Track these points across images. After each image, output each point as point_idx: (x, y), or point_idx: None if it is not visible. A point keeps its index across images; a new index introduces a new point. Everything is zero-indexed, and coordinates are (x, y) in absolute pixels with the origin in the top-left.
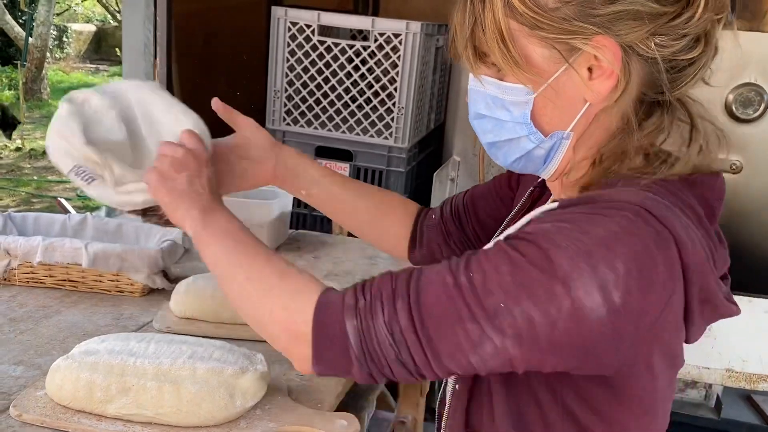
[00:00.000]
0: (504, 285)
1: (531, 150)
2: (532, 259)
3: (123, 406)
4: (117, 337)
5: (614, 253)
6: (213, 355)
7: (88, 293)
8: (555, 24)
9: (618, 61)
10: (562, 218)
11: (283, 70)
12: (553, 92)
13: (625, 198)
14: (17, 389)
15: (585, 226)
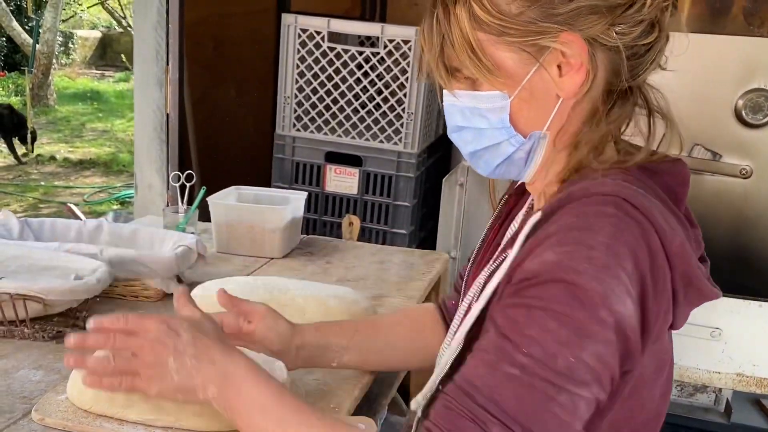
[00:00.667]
0: (561, 340)
1: (512, 154)
2: (567, 300)
3: (145, 410)
4: None
5: (620, 255)
6: None
7: (104, 298)
8: (521, 27)
9: (585, 54)
10: (561, 240)
11: (293, 77)
12: (527, 93)
13: (600, 189)
14: (38, 393)
15: (586, 239)
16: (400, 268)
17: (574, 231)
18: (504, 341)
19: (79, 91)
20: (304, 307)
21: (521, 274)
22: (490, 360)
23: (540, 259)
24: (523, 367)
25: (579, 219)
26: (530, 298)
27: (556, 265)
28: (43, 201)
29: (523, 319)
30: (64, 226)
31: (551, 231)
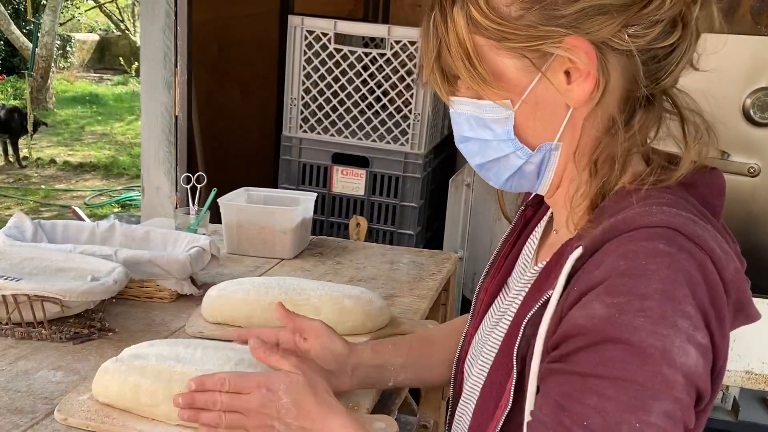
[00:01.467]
0: (623, 407)
1: (521, 166)
2: (625, 361)
3: (170, 412)
4: (165, 342)
5: (678, 300)
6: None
7: (119, 299)
8: (521, 32)
9: (593, 60)
10: (610, 290)
11: (299, 78)
12: (532, 103)
13: (647, 221)
14: (59, 394)
15: (639, 287)
16: (410, 268)
17: (625, 278)
18: (562, 414)
19: (77, 94)
20: (319, 307)
21: (568, 328)
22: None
23: (588, 311)
24: None
25: (628, 261)
26: (583, 363)
27: (607, 322)
28: (43, 204)
29: (579, 387)
30: (76, 227)
31: (598, 277)
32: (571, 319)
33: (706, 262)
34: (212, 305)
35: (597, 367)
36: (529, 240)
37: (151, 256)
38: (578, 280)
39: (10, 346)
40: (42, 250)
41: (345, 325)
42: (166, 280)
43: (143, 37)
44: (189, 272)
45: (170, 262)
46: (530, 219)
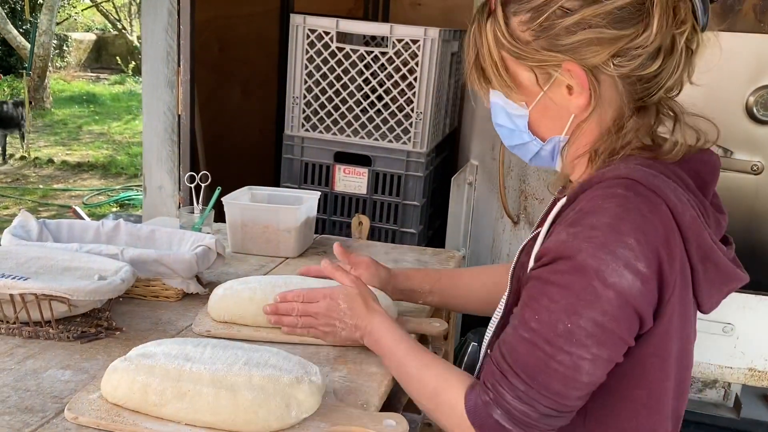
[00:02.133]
0: (561, 308)
1: (538, 151)
2: (567, 274)
3: (178, 410)
4: (173, 341)
5: (622, 232)
6: (269, 362)
7: (125, 298)
8: (531, 55)
9: (584, 81)
10: (573, 221)
11: (301, 77)
12: (543, 106)
13: (615, 174)
14: (68, 393)
15: (591, 220)
16: (415, 266)
17: (584, 214)
18: (524, 310)
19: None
20: None
21: (541, 250)
22: (514, 325)
23: (555, 238)
24: (533, 331)
25: (591, 202)
26: (546, 273)
27: (563, 245)
28: (42, 204)
29: (538, 292)
30: (81, 227)
31: (569, 216)
32: (545, 245)
33: (660, 206)
34: (219, 304)
35: (551, 276)
36: None
37: (158, 255)
38: (559, 221)
39: (18, 346)
40: (48, 250)
41: None
42: (172, 279)
43: (145, 36)
44: (195, 271)
45: (176, 261)
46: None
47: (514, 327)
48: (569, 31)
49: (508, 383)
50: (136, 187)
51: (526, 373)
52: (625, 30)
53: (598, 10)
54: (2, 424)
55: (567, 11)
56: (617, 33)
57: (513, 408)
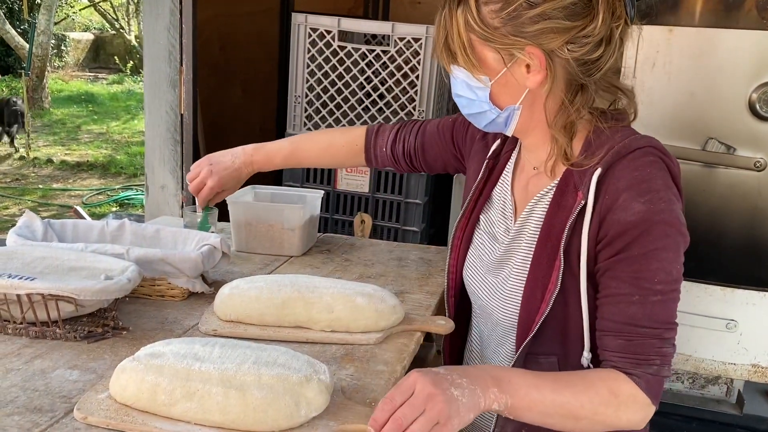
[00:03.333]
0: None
1: (494, 119)
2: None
3: (187, 410)
4: (182, 340)
5: (671, 187)
6: (278, 361)
7: (130, 298)
8: (498, 38)
9: (542, 63)
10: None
11: (303, 76)
12: (503, 81)
13: (639, 144)
14: (77, 392)
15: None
16: (419, 264)
17: (643, 183)
18: (639, 282)
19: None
20: (332, 305)
21: (618, 226)
22: (637, 299)
23: (631, 211)
24: (662, 293)
25: (640, 171)
26: (642, 244)
27: (648, 212)
28: (41, 204)
29: (644, 260)
30: (86, 227)
31: (623, 185)
32: (617, 221)
33: (672, 165)
34: (225, 303)
35: (652, 243)
36: (501, 182)
37: (163, 255)
38: (605, 190)
39: (25, 346)
40: (54, 250)
41: (358, 323)
42: (177, 278)
43: (146, 35)
44: (201, 270)
45: (182, 260)
46: (493, 168)
47: (640, 301)
48: (533, 21)
49: (666, 341)
50: (136, 186)
51: (669, 323)
52: (576, 21)
53: (557, 4)
54: (12, 424)
55: (531, 4)
56: (571, 24)
57: (671, 355)
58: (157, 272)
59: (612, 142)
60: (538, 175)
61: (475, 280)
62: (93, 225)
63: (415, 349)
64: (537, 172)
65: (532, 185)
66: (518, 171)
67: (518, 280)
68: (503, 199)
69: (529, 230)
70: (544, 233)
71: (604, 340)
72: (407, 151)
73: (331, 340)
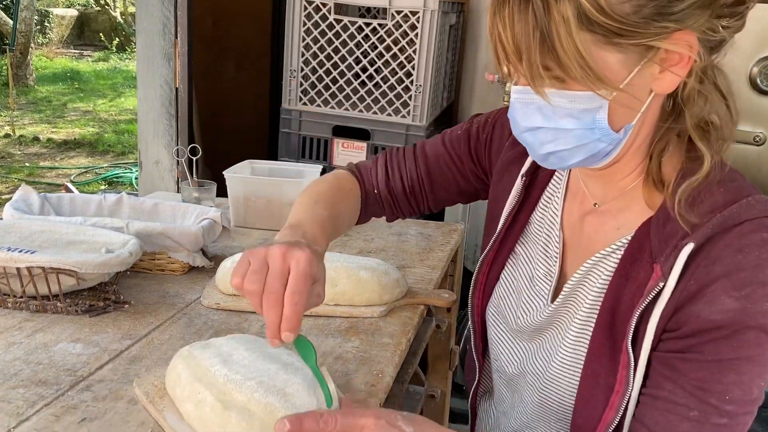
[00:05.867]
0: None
1: (599, 150)
2: (758, 341)
3: (188, 412)
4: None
5: None
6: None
7: (131, 272)
8: (635, 29)
9: (695, 50)
10: (735, 284)
11: (299, 50)
12: (626, 92)
13: (750, 214)
14: (81, 366)
15: (759, 276)
16: (419, 239)
17: (746, 271)
18: (705, 395)
19: (58, 71)
20: (335, 278)
21: (697, 323)
22: (696, 416)
23: (719, 307)
24: (730, 415)
25: (744, 255)
26: (721, 351)
27: (742, 313)
28: (29, 183)
29: (718, 370)
30: (83, 200)
31: (719, 271)
32: (700, 315)
33: None
34: (227, 276)
35: (734, 351)
36: (544, 208)
37: (163, 228)
38: (693, 273)
39: (26, 319)
40: (52, 223)
41: (362, 297)
42: (178, 252)
43: (139, 7)
44: (201, 244)
45: (182, 234)
46: (529, 186)
47: (698, 420)
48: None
49: None
50: (124, 164)
51: None
52: None
53: None
54: (17, 397)
55: None
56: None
57: None
58: (157, 246)
59: (712, 200)
60: (599, 215)
61: (500, 337)
62: (90, 199)
63: (419, 322)
64: (598, 209)
65: (591, 227)
66: (570, 197)
67: (569, 368)
68: (548, 234)
69: (587, 299)
70: (607, 313)
71: None
72: (409, 184)
73: (335, 313)
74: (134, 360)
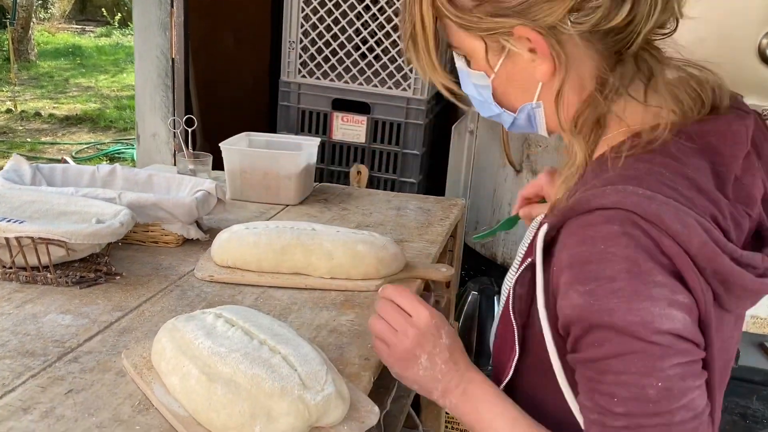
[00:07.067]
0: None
1: (513, 121)
2: (615, 341)
3: (173, 385)
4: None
5: (647, 273)
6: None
7: (124, 244)
8: (475, 24)
9: (542, 46)
10: (579, 277)
11: (298, 21)
12: (506, 76)
13: (601, 202)
14: (69, 337)
15: (605, 271)
16: (418, 213)
17: (591, 264)
18: (595, 396)
19: (59, 46)
20: (332, 251)
21: (563, 318)
22: (597, 419)
23: (569, 301)
24: (627, 417)
25: (588, 247)
26: (586, 350)
27: (585, 310)
28: (30, 158)
29: (595, 370)
30: (76, 171)
31: (565, 260)
32: (561, 309)
33: (662, 239)
34: (223, 248)
35: (597, 351)
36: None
37: (157, 199)
38: (554, 255)
39: (15, 290)
40: (43, 194)
41: (358, 270)
42: (171, 224)
43: None
44: (195, 216)
45: (176, 205)
46: None
47: (596, 419)
48: None
49: None
50: (126, 140)
51: None
52: None
53: None
54: (3, 368)
55: None
56: None
57: None
58: (150, 218)
59: (592, 182)
60: None
61: None
62: (83, 170)
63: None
64: None
65: None
66: None
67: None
68: None
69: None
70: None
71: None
72: None
73: (330, 287)
74: (124, 332)
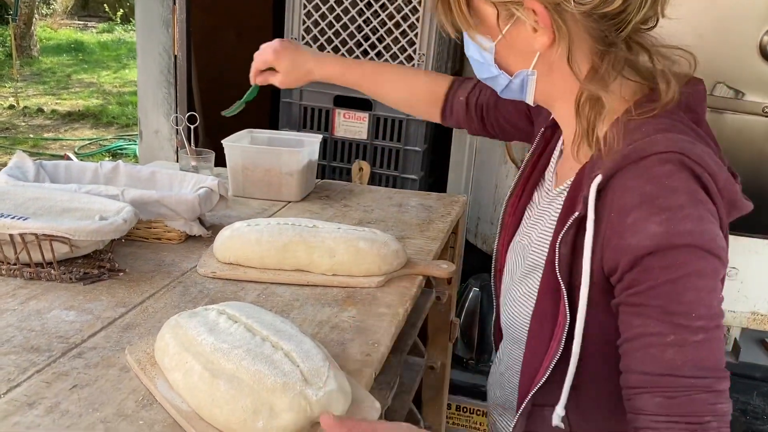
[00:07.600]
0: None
1: (507, 84)
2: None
3: (176, 381)
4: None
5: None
6: (275, 356)
7: (126, 240)
8: None
9: (546, 20)
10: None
11: (300, 17)
12: (508, 43)
13: (655, 149)
14: (74, 333)
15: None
16: (419, 210)
17: (659, 199)
18: (673, 318)
19: (62, 42)
20: (334, 248)
21: (633, 252)
22: (674, 340)
23: (645, 233)
24: (704, 330)
25: (653, 185)
26: (666, 271)
27: (667, 235)
28: (32, 154)
29: (675, 291)
30: (79, 168)
31: (631, 202)
32: (630, 246)
33: (704, 174)
34: (225, 245)
35: (678, 270)
36: (551, 160)
37: (159, 196)
38: (607, 204)
39: (20, 287)
40: (46, 190)
41: (360, 267)
42: (174, 220)
43: None
44: (198, 213)
45: (179, 202)
46: (549, 139)
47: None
48: None
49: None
50: (128, 136)
51: (719, 369)
52: None
53: None
54: (8, 363)
55: None
56: None
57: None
58: (153, 214)
59: (631, 138)
60: (564, 159)
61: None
62: (86, 166)
63: (417, 293)
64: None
65: (561, 171)
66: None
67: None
68: (548, 180)
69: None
70: (551, 250)
71: (635, 402)
72: (481, 101)
73: (332, 283)
74: (127, 328)
